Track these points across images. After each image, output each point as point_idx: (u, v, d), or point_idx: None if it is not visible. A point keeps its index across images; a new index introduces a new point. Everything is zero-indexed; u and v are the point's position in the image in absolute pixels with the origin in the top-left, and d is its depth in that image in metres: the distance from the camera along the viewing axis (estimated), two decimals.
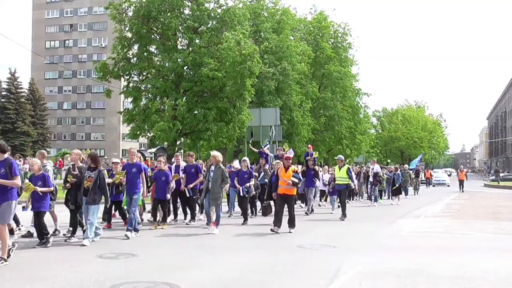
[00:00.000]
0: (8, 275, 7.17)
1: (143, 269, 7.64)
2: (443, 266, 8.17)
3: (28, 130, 66.92)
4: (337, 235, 12.06)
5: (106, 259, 8.33)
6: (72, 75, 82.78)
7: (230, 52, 26.50)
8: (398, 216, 16.96)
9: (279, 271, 7.74)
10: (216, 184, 11.35)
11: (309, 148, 19.49)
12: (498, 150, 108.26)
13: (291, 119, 35.83)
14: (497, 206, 21.46)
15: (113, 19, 28.78)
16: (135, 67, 29.18)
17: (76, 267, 7.68)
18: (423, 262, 8.38)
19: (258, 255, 9.06)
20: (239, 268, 7.96)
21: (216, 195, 11.36)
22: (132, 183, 11.08)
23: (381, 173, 22.46)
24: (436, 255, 9.18)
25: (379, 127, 79.85)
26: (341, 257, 8.83)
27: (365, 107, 53.28)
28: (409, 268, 7.88)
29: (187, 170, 13.56)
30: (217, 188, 11.38)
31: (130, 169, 11.24)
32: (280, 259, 8.64)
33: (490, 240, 11.59)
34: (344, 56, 46.17)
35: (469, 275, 7.52)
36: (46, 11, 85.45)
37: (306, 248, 9.79)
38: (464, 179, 36.54)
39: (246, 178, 14.42)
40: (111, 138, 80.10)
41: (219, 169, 11.45)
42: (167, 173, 12.24)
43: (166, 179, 12.17)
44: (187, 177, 13.40)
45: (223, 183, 11.46)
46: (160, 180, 12.20)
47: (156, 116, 27.08)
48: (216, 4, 29.76)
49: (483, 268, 7.97)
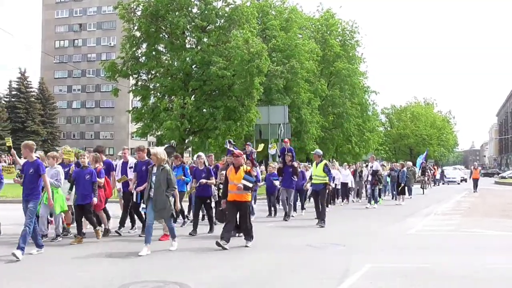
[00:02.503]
0: (21, 273, 7.24)
1: (152, 269, 7.65)
2: (453, 265, 8.08)
3: (38, 129, 67.47)
4: (346, 234, 12.00)
5: (115, 259, 8.36)
6: (81, 74, 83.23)
7: (239, 50, 26.51)
8: (407, 214, 16.84)
9: (287, 270, 7.71)
10: (160, 190, 8.84)
11: (286, 142, 16.40)
12: (508, 146, 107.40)
13: (300, 117, 35.79)
14: (508, 204, 21.26)
15: (122, 18, 28.92)
16: (144, 66, 29.26)
17: (85, 266, 7.73)
18: (433, 261, 8.31)
19: (266, 254, 9.03)
20: (247, 267, 7.96)
21: (162, 206, 8.82)
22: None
23: (380, 171, 20.30)
24: (446, 254, 9.09)
25: (388, 125, 79.49)
26: (350, 256, 8.78)
27: (373, 104, 53.15)
28: (419, 267, 7.82)
29: (138, 168, 10.66)
30: (162, 196, 8.80)
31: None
32: (288, 258, 8.62)
33: (501, 238, 11.47)
34: (352, 54, 46.05)
35: (480, 274, 7.44)
36: (55, 11, 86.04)
37: (315, 247, 9.76)
38: (478, 178, 32.79)
39: (204, 178, 11.46)
40: (120, 137, 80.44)
41: (163, 171, 8.92)
42: (91, 171, 9.91)
43: (91, 178, 9.87)
44: (137, 177, 10.54)
45: (169, 190, 8.92)
46: (82, 180, 9.83)
47: (165, 115, 27.18)
48: (224, 3, 29.86)
49: (494, 268, 7.87)
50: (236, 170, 9.73)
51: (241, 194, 9.57)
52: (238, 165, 9.81)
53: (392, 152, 75.34)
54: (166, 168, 8.98)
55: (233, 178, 9.65)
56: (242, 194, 9.58)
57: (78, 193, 9.83)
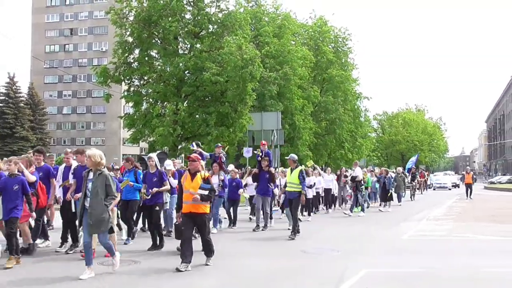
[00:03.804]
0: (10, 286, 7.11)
1: (146, 276, 7.61)
2: (448, 269, 8.15)
3: (27, 135, 66.77)
4: (340, 239, 12.02)
5: (107, 267, 8.13)
6: (72, 80, 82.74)
7: (232, 56, 26.56)
8: (400, 219, 16.93)
9: (283, 276, 7.72)
10: (97, 199, 7.40)
11: (263, 145, 14.56)
12: (497, 152, 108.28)
13: (293, 123, 35.88)
14: (498, 209, 21.43)
15: (114, 24, 28.84)
16: (136, 71, 29.21)
17: (78, 275, 7.55)
18: (428, 265, 8.37)
19: (261, 261, 9.01)
20: (242, 274, 7.96)
21: (99, 218, 7.34)
22: None
23: (360, 177, 18.86)
24: (440, 258, 9.16)
25: (380, 131, 79.99)
26: (345, 261, 8.81)
27: (365, 110, 53.44)
28: (414, 271, 7.88)
29: (77, 173, 9.13)
30: (99, 206, 7.37)
31: None
32: (284, 265, 8.62)
33: (493, 243, 11.57)
34: (345, 60, 46.30)
35: (474, 277, 7.53)
36: (46, 15, 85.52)
37: (310, 253, 9.78)
38: (471, 183, 29.83)
39: (156, 182, 10.31)
40: (111, 143, 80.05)
41: (100, 177, 7.49)
42: (21, 180, 8.33)
43: (22, 189, 8.25)
44: (77, 183, 9.13)
45: (108, 199, 7.47)
46: (9, 192, 8.24)
47: (157, 121, 27.14)
48: (217, 9, 29.90)
49: (488, 271, 7.95)
50: (192, 177, 8.28)
51: (198, 205, 8.12)
52: (194, 171, 8.33)
53: (384, 158, 75.79)
54: (104, 173, 7.54)
55: (188, 186, 8.21)
56: (199, 205, 8.13)
57: (4, 207, 8.27)
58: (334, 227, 14.54)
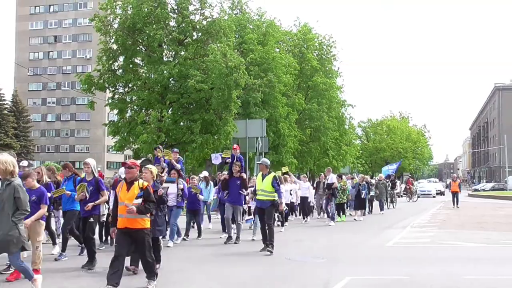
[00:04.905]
0: None
1: (133, 283, 7.50)
2: (432, 276, 8.14)
3: (11, 143, 66.04)
4: (325, 247, 12.00)
5: (93, 274, 8.03)
6: (56, 87, 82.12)
7: (216, 64, 26.54)
8: (384, 227, 16.98)
9: (268, 284, 7.69)
10: (3, 214, 6.33)
11: (235, 149, 13.23)
12: (481, 160, 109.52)
13: (277, 130, 35.89)
14: (482, 216, 21.62)
15: (99, 31, 28.72)
16: (121, 79, 29.06)
17: (64, 283, 7.48)
18: (412, 273, 8.36)
19: (246, 268, 8.97)
20: (227, 281, 7.89)
21: (5, 238, 6.27)
22: None
23: (335, 184, 18.13)
24: (424, 266, 9.17)
25: (364, 138, 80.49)
26: (330, 269, 8.78)
27: (350, 118, 53.67)
28: (399, 279, 7.87)
29: None
30: (6, 222, 6.29)
31: None
32: (269, 272, 8.58)
33: (477, 250, 11.64)
34: (329, 68, 46.48)
35: (458, 285, 7.54)
36: (30, 22, 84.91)
37: (294, 260, 9.73)
38: (458, 191, 28.22)
39: (92, 191, 9.00)
40: (95, 150, 79.40)
41: (8, 188, 6.42)
42: None
43: None
44: None
45: (17, 214, 6.35)
46: None
47: (141, 128, 26.99)
48: (202, 16, 29.90)
49: (471, 278, 7.97)
50: (129, 186, 7.07)
51: (134, 219, 6.94)
52: (131, 179, 7.12)
53: (368, 165, 76.15)
54: (13, 183, 6.39)
55: (123, 198, 7.03)
56: (136, 219, 6.94)
57: None
58: (320, 235, 14.49)
